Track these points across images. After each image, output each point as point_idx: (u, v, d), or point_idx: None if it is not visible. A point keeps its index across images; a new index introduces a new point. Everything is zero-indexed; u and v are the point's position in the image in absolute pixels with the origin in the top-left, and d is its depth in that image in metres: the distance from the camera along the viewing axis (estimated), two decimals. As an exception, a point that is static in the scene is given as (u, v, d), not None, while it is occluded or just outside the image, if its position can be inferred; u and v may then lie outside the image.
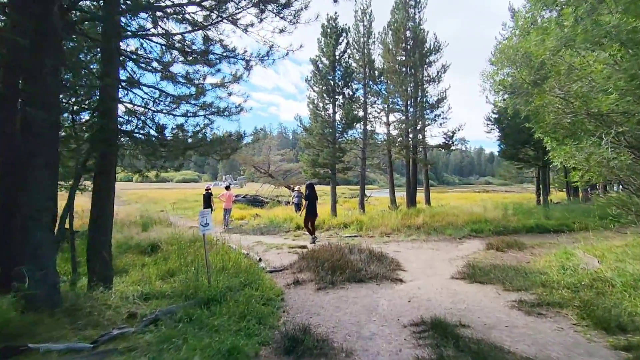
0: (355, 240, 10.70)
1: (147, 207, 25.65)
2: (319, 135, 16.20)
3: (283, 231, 12.67)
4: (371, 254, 7.65)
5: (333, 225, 12.93)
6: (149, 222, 10.78)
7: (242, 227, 14.40)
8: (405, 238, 10.96)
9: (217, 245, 8.28)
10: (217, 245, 8.28)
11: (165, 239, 8.31)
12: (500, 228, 12.33)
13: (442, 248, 9.63)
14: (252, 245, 10.03)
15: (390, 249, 9.33)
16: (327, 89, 16.23)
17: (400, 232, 11.76)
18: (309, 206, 10.79)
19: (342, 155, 16.44)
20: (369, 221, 12.74)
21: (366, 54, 17.98)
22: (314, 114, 16.23)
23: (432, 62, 19.83)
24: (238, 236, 12.04)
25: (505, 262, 7.64)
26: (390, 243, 10.29)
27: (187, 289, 4.96)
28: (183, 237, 8.47)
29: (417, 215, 13.05)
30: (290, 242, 10.63)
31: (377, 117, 19.98)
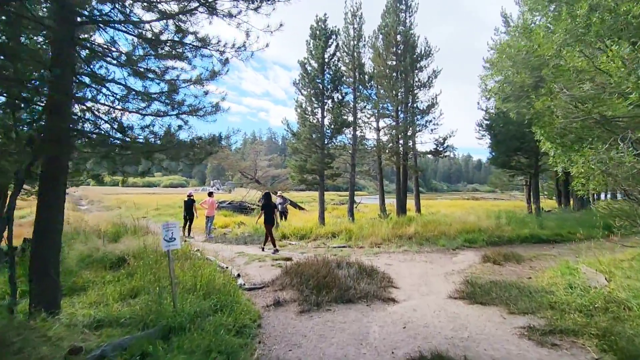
0: (344, 252, 10.09)
1: (128, 212, 24.72)
2: (307, 140, 15.61)
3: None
4: (361, 268, 7.03)
5: (321, 234, 12.30)
6: (121, 230, 10.01)
7: (226, 235, 13.68)
8: (396, 249, 10.38)
9: (192, 258, 7.59)
10: (192, 258, 7.59)
11: (135, 251, 7.57)
12: (494, 238, 11.84)
13: (435, 260, 9.07)
14: (233, 257, 9.33)
15: (381, 261, 8.73)
16: (315, 93, 15.68)
17: (391, 242, 11.18)
18: (266, 215, 10.57)
19: (331, 161, 15.87)
20: (359, 230, 12.14)
21: (356, 58, 17.50)
22: (302, 118, 15.64)
23: (422, 67, 19.47)
24: (220, 246, 11.35)
25: (505, 277, 7.10)
26: (381, 255, 9.69)
27: (148, 314, 4.27)
28: (155, 249, 7.73)
29: (408, 225, 12.49)
30: (275, 253, 9.96)
31: (367, 122, 19.53)
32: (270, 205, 10.73)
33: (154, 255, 7.27)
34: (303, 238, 12.24)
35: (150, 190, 68.18)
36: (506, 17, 19.44)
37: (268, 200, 10.87)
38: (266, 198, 10.94)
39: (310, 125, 15.58)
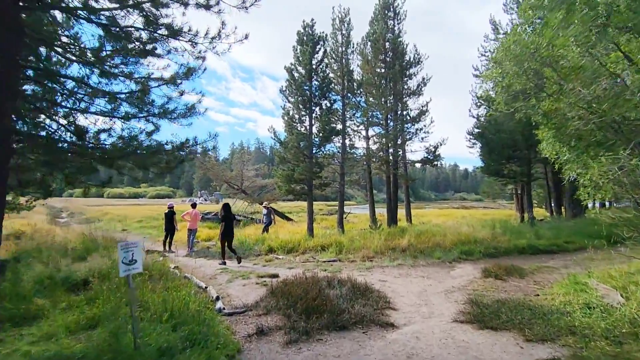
0: (335, 266, 9.43)
1: (109, 225, 23.71)
2: (295, 149, 14.99)
3: (254, 254, 11.27)
4: (354, 287, 6.39)
5: (310, 247, 11.63)
6: (91, 247, 9.17)
7: (209, 249, 12.90)
8: (390, 263, 9.76)
9: (167, 278, 6.86)
10: (167, 278, 6.86)
11: (104, 270, 6.80)
12: (490, 250, 11.34)
13: (433, 275, 8.47)
14: (214, 274, 8.60)
15: (375, 277, 8.10)
16: (303, 100, 15.12)
17: (384, 255, 10.57)
18: (225, 227, 10.28)
19: (320, 171, 15.26)
20: (350, 243, 11.51)
21: (344, 65, 17.05)
22: (289, 126, 15.03)
23: (412, 74, 19.14)
24: (202, 261, 10.60)
25: (510, 294, 6.54)
26: (374, 269, 9.06)
27: (103, 352, 3.56)
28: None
29: (401, 236, 11.92)
30: (260, 268, 9.25)
31: (356, 130, 19.06)
32: (230, 218, 10.52)
33: (124, 275, 6.53)
34: (291, 251, 11.55)
35: (136, 202, 66.66)
36: (495, 24, 19.30)
37: (228, 212, 10.53)
38: (225, 210, 10.55)
39: (297, 134, 14.99)
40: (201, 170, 23.40)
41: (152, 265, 7.55)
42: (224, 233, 10.24)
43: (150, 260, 8.52)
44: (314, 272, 8.66)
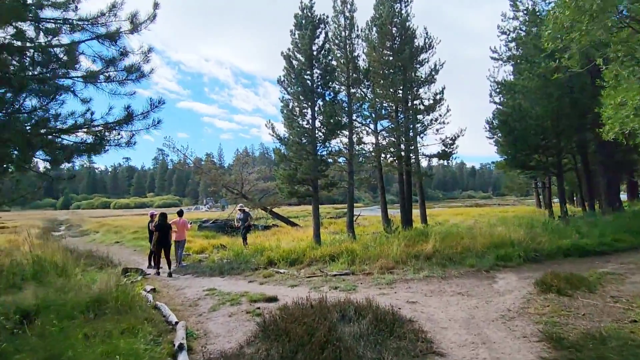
0: (348, 282, 7.68)
1: (104, 237, 22.19)
2: (297, 145, 13.29)
3: (250, 268, 9.53)
4: (378, 317, 4.63)
5: (317, 257, 9.87)
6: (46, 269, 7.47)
7: (201, 262, 11.22)
8: (415, 274, 7.98)
9: (127, 311, 5.17)
10: (127, 311, 5.17)
11: (51, 301, 5.11)
12: (531, 253, 9.53)
13: (473, 290, 6.68)
14: (198, 298, 6.88)
15: (400, 296, 6.34)
16: (304, 90, 13.41)
17: (406, 264, 8.79)
18: (161, 237, 10.20)
19: (325, 169, 13.54)
20: (363, 251, 9.74)
21: (349, 51, 15.34)
22: (289, 120, 13.32)
23: (423, 60, 17.39)
24: (187, 280, 8.91)
25: (593, 320, 4.75)
26: (397, 285, 7.29)
27: None
28: (77, 297, 5.29)
29: (424, 240, 10.12)
30: (255, 289, 7.50)
31: (363, 124, 17.33)
32: (165, 226, 10.34)
33: (70, 309, 4.85)
34: (294, 263, 9.80)
35: (141, 212, 65.31)
36: (515, 2, 17.46)
37: (163, 220, 10.40)
38: (161, 218, 10.43)
39: (299, 128, 13.29)
40: (197, 175, 21.71)
41: (116, 290, 5.86)
42: (160, 242, 10.15)
43: (119, 282, 6.84)
44: (322, 291, 6.94)
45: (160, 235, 10.15)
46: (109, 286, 5.87)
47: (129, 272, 9.02)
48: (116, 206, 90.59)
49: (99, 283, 5.79)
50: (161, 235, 10.17)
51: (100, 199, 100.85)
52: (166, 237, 10.29)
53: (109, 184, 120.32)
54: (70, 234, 27.38)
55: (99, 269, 10.36)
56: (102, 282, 5.86)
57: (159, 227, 10.21)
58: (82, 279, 6.93)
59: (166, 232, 10.29)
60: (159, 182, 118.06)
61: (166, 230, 10.30)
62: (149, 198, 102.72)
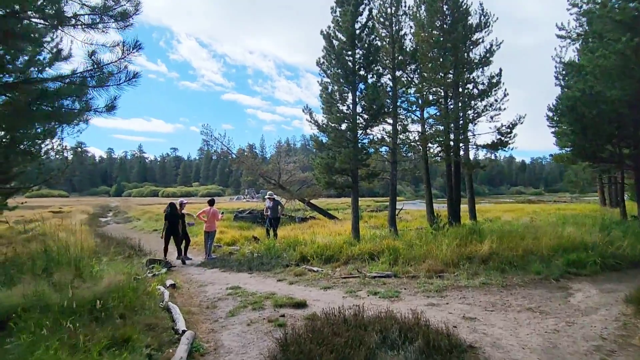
0: (389, 286, 6.62)
1: (146, 225, 22.43)
2: (336, 132, 12.29)
3: (281, 264, 8.70)
4: (429, 342, 3.57)
5: (354, 255, 8.86)
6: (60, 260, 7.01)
7: (232, 255, 10.57)
8: (469, 281, 6.78)
9: (131, 313, 4.46)
10: (131, 313, 4.46)
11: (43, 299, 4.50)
12: (610, 260, 8.00)
13: (546, 306, 5.41)
14: (218, 299, 6.11)
15: (454, 309, 5.21)
16: (344, 73, 12.33)
17: (458, 267, 7.58)
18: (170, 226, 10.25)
19: (366, 158, 12.42)
20: (407, 249, 8.61)
21: (394, 30, 14.05)
22: (328, 104, 12.31)
23: (477, 40, 15.69)
24: (213, 275, 8.22)
25: None
26: (448, 293, 6.14)
27: None
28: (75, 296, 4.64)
29: (477, 240, 8.80)
30: (283, 289, 6.63)
31: (409, 110, 16.00)
32: (174, 216, 10.32)
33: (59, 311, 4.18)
34: (330, 260, 8.86)
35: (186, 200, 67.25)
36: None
37: (173, 210, 10.38)
38: (171, 208, 10.43)
39: (338, 113, 12.26)
40: (234, 164, 21.29)
41: (126, 287, 5.19)
42: (170, 231, 10.22)
43: (131, 277, 6.23)
44: (358, 296, 5.95)
45: (168, 224, 10.17)
46: (119, 282, 5.21)
47: (154, 264, 8.49)
48: (164, 194, 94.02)
49: (107, 279, 5.12)
50: (169, 225, 10.18)
51: (150, 187, 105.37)
52: (175, 227, 10.29)
53: (158, 173, 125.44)
54: (116, 220, 28.18)
55: (127, 257, 9.99)
56: (111, 278, 5.19)
57: (167, 217, 10.23)
58: (97, 272, 6.37)
59: (175, 222, 10.28)
60: (203, 172, 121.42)
61: (175, 220, 10.28)
62: (194, 187, 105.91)
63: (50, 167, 8.87)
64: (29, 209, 37.58)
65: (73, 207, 39.46)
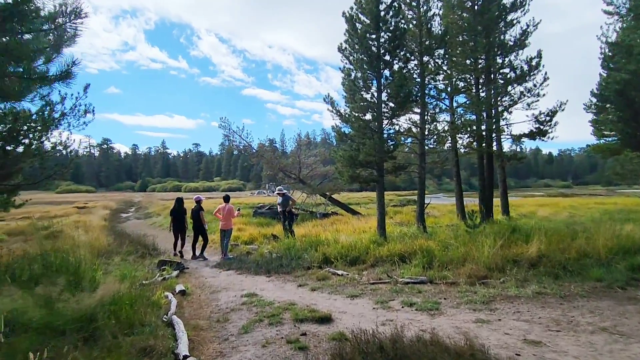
0: (426, 295, 5.76)
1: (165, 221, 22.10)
2: (359, 122, 11.41)
3: (302, 267, 7.95)
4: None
5: (383, 256, 8.01)
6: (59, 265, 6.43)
7: (250, 255, 9.90)
8: (519, 289, 5.82)
9: (124, 328, 3.78)
10: (124, 328, 3.78)
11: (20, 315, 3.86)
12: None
13: (622, 325, 4.43)
14: (231, 309, 5.39)
15: (511, 330, 4.30)
16: (368, 58, 11.41)
17: (503, 273, 6.63)
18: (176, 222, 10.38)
19: (393, 150, 11.50)
20: (442, 250, 7.69)
21: (422, 12, 13.00)
22: (351, 91, 11.42)
23: (512, 21, 14.43)
24: (229, 278, 7.55)
25: None
26: (498, 305, 5.21)
27: None
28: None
29: (525, 241, 7.78)
30: (305, 298, 5.87)
31: (437, 98, 14.93)
32: (180, 212, 10.40)
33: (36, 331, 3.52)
34: (355, 262, 8.05)
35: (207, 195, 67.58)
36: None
37: (178, 206, 10.49)
38: (176, 204, 10.59)
39: (362, 102, 11.37)
40: (253, 158, 20.68)
41: (125, 298, 4.53)
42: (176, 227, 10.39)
43: (134, 285, 5.60)
44: (391, 308, 5.12)
45: (174, 220, 10.30)
46: (117, 292, 4.55)
47: (165, 266, 7.88)
48: (186, 189, 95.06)
49: (101, 289, 4.46)
50: (175, 221, 10.29)
51: (173, 183, 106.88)
52: (180, 223, 10.38)
53: (180, 168, 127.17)
54: (136, 216, 28.15)
55: (140, 257, 9.48)
56: (107, 287, 4.53)
57: (172, 212, 10.40)
58: (100, 278, 5.75)
59: (181, 218, 10.37)
60: (225, 167, 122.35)
61: (181, 216, 10.38)
62: (215, 182, 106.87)
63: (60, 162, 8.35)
64: (55, 205, 38.46)
65: (98, 203, 39.93)
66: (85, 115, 8.12)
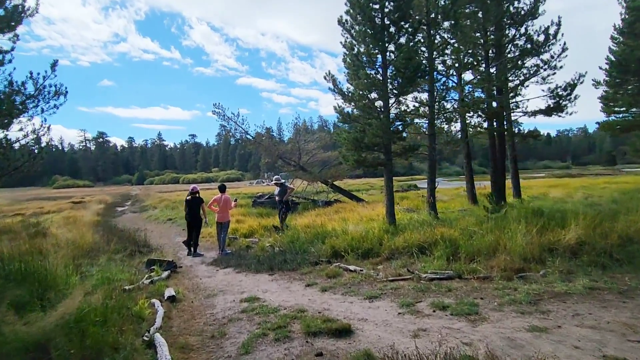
0: (457, 294, 4.89)
1: (161, 214, 21.19)
2: (364, 101, 10.44)
3: (309, 262, 7.06)
4: None
5: (399, 247, 7.10)
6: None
7: (249, 249, 9.04)
8: (568, 285, 4.95)
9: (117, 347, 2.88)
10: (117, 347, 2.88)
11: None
12: None
13: None
14: (229, 320, 4.51)
15: (579, 343, 3.39)
16: (372, 30, 10.38)
17: (542, 264, 5.76)
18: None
19: (402, 130, 10.57)
20: (466, 239, 6.79)
21: (428, -21, 11.89)
22: (354, 67, 10.38)
23: (524, -12, 13.34)
24: (227, 276, 6.67)
25: None
26: (550, 307, 4.31)
27: None
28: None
29: (560, 226, 6.87)
30: (315, 301, 4.99)
31: (445, 75, 13.92)
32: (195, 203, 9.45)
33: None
34: (367, 255, 7.17)
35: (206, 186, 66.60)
36: None
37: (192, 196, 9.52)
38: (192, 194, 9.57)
39: (366, 78, 10.36)
40: (250, 146, 19.69)
41: (94, 314, 3.65)
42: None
43: (129, 285, 4.73)
44: (419, 312, 4.26)
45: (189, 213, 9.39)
46: (85, 307, 3.66)
47: (154, 265, 6.99)
48: (184, 181, 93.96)
49: (63, 304, 3.56)
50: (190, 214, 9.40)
51: (171, 175, 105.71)
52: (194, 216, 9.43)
53: (178, 160, 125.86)
54: (132, 210, 27.25)
55: (129, 256, 8.59)
56: (71, 300, 3.63)
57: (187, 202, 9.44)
58: (75, 284, 4.87)
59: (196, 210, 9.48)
60: (222, 158, 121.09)
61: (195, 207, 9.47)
62: (213, 173, 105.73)
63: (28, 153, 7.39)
64: (51, 200, 37.52)
65: (94, 197, 39.02)
66: (58, 97, 7.20)
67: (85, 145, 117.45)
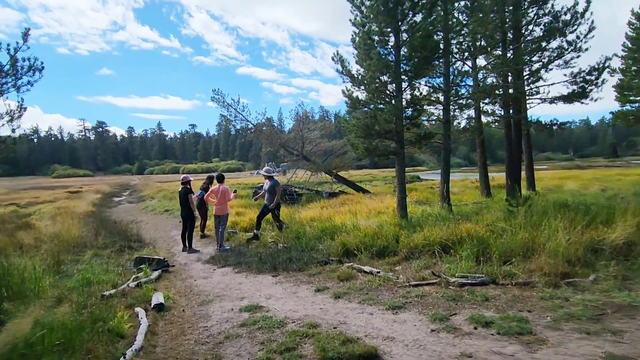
0: (499, 305, 4.11)
1: (158, 204, 20.42)
2: (375, 83, 9.58)
3: (318, 261, 6.28)
4: None
5: (419, 245, 6.29)
6: None
7: (252, 244, 8.26)
8: (629, 295, 4.14)
9: None
10: None
11: None
12: None
13: None
14: (225, 336, 3.72)
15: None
16: (385, 7, 9.47)
17: (589, 268, 4.96)
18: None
19: (417, 116, 9.71)
20: (496, 239, 5.96)
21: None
22: (365, 46, 9.49)
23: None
24: (225, 278, 5.89)
25: None
26: (620, 325, 3.49)
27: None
28: None
29: (603, 223, 6.06)
30: (330, 311, 4.22)
31: (460, 59, 13.02)
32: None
33: None
34: (383, 254, 6.37)
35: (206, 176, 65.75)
36: None
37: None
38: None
39: (378, 58, 9.48)
40: (252, 135, 18.86)
41: (64, 326, 2.87)
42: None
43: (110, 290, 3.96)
44: (456, 329, 3.47)
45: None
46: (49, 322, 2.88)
47: (143, 265, 6.22)
48: (184, 171, 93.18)
49: (6, 328, 2.78)
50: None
51: (170, 165, 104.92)
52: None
53: (178, 149, 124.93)
54: (129, 200, 26.51)
55: (117, 252, 7.83)
56: (21, 322, 2.85)
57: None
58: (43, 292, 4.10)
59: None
60: (223, 148, 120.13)
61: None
62: (214, 163, 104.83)
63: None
64: (49, 190, 36.82)
65: (92, 187, 38.33)
66: (33, 73, 6.37)
67: (84, 135, 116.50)
